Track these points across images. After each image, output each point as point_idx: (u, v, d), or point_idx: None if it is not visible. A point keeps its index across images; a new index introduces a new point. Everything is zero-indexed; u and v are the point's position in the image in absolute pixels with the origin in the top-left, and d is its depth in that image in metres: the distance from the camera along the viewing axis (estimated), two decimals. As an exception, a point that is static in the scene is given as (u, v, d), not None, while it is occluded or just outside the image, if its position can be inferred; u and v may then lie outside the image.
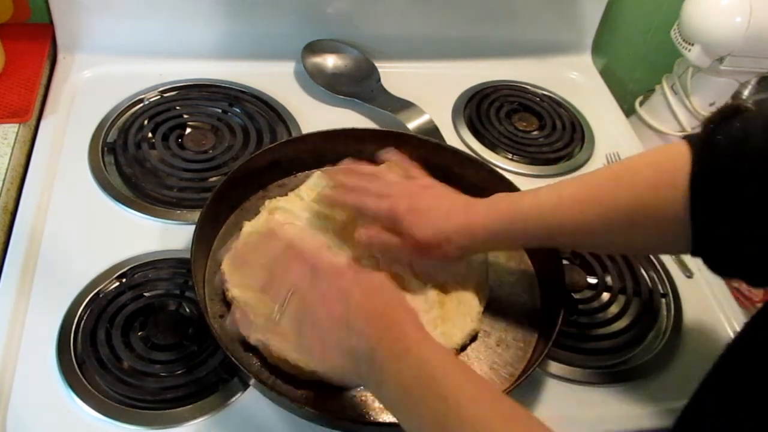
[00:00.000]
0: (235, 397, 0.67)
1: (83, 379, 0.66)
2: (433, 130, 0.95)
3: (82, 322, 0.69)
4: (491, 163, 0.91)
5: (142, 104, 0.94)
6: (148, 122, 0.91)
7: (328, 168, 0.77)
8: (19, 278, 0.73)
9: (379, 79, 1.03)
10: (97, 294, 0.72)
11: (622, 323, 0.78)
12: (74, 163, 0.85)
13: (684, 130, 1.09)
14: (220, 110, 0.95)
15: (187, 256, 0.70)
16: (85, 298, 0.71)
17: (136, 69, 0.98)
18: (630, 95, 1.21)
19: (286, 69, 1.04)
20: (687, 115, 1.09)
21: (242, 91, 0.98)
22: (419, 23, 1.07)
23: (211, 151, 0.89)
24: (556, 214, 0.61)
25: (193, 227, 0.70)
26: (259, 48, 1.03)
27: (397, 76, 1.04)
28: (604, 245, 0.70)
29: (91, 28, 0.97)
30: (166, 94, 0.96)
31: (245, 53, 1.03)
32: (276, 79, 1.01)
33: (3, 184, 0.78)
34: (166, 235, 0.79)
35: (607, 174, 0.62)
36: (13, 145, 0.82)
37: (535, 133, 1.03)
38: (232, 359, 0.62)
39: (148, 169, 0.85)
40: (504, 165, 0.95)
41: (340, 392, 0.66)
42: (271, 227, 0.70)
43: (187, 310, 0.72)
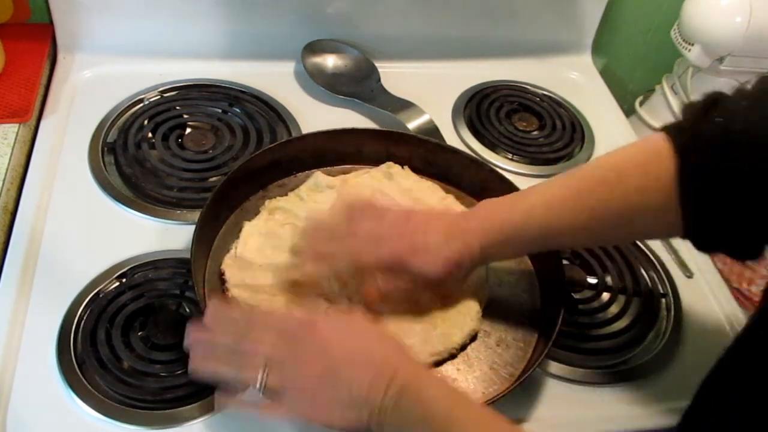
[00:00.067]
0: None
1: (83, 379, 0.66)
2: (433, 130, 0.95)
3: (82, 322, 0.69)
4: (491, 163, 0.91)
5: (142, 104, 0.94)
6: (148, 122, 0.91)
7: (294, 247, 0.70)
8: (19, 278, 0.73)
9: (379, 79, 1.03)
10: (97, 294, 0.72)
11: (622, 323, 0.78)
12: (74, 163, 0.85)
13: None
14: (220, 110, 0.95)
15: (187, 256, 0.70)
16: (85, 298, 0.71)
17: (136, 69, 0.98)
18: (630, 95, 1.21)
19: (286, 69, 1.04)
20: (687, 115, 1.09)
21: (242, 91, 0.98)
22: (419, 23, 1.07)
23: (211, 151, 0.89)
24: (550, 223, 0.63)
25: (193, 227, 0.70)
26: (259, 48, 1.03)
27: (397, 76, 1.04)
28: (598, 242, 0.77)
29: (91, 28, 0.97)
30: (166, 94, 0.96)
31: (245, 53, 1.03)
32: (276, 79, 1.01)
33: (3, 184, 0.78)
34: (166, 235, 0.79)
35: (595, 177, 0.62)
36: (13, 145, 0.82)
37: (535, 133, 1.03)
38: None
39: (148, 169, 0.85)
40: (504, 165, 0.95)
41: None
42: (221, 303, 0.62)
43: (187, 310, 0.72)
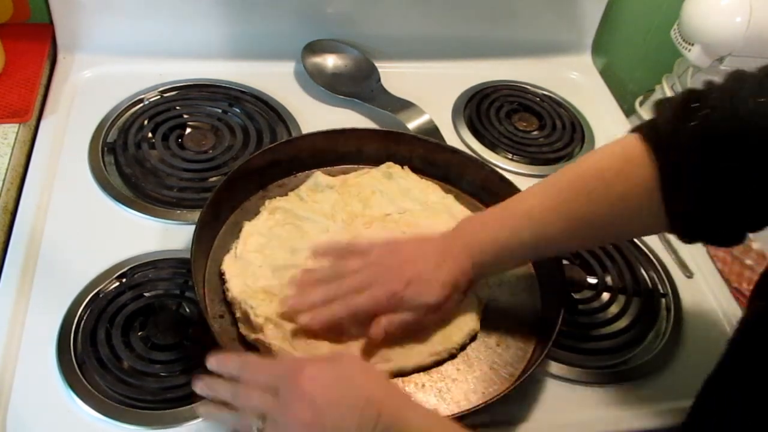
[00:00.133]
0: (235, 397, 0.67)
1: (83, 379, 0.66)
2: (433, 130, 0.95)
3: (82, 322, 0.69)
4: (491, 163, 0.91)
5: (142, 104, 0.94)
6: (148, 122, 0.91)
7: (284, 300, 0.68)
8: (19, 278, 0.73)
9: (379, 79, 1.03)
10: (97, 294, 0.72)
11: (622, 323, 0.78)
12: (74, 163, 0.85)
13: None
14: (220, 110, 0.95)
15: (187, 256, 0.70)
16: (85, 298, 0.71)
17: (136, 69, 0.98)
18: (630, 95, 1.21)
19: (286, 69, 1.04)
20: (687, 115, 1.09)
21: (242, 91, 0.98)
22: (419, 23, 1.07)
23: (211, 151, 0.89)
24: (538, 236, 0.65)
25: (193, 227, 0.70)
26: (259, 48, 1.03)
27: (397, 76, 1.04)
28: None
29: (91, 28, 0.97)
30: (166, 94, 0.96)
31: (245, 53, 1.03)
32: (276, 79, 1.01)
33: (3, 184, 0.78)
34: (166, 235, 0.79)
35: (578, 185, 0.63)
36: (13, 145, 0.82)
37: (535, 133, 1.03)
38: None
39: (148, 169, 0.85)
40: (504, 165, 0.95)
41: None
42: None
43: (187, 310, 0.72)
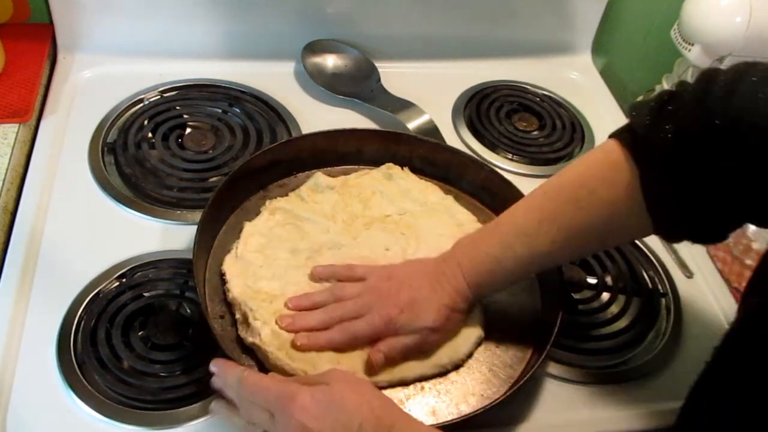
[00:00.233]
0: (235, 398, 0.67)
1: (83, 379, 0.66)
2: (433, 130, 0.95)
3: (82, 322, 0.69)
4: (491, 164, 0.91)
5: (142, 104, 0.94)
6: (148, 122, 0.91)
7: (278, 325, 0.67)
8: (19, 278, 0.73)
9: (379, 79, 1.03)
10: (97, 294, 0.72)
11: (622, 323, 0.78)
12: (74, 163, 0.85)
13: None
14: (220, 110, 0.95)
15: (187, 256, 0.70)
16: (85, 298, 0.71)
17: (136, 69, 0.98)
18: (630, 95, 1.21)
19: (286, 69, 1.04)
20: (687, 115, 1.09)
21: (242, 91, 0.98)
22: (419, 23, 1.07)
23: (211, 151, 0.89)
24: (531, 251, 0.65)
25: (193, 227, 0.70)
26: (259, 48, 1.03)
27: (397, 76, 1.04)
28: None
29: (91, 28, 0.97)
30: (166, 94, 0.96)
31: (245, 53, 1.03)
32: (276, 79, 1.01)
33: (3, 184, 0.78)
34: (166, 236, 0.79)
35: (564, 196, 0.64)
36: (13, 145, 0.82)
37: (535, 133, 1.03)
38: (233, 360, 0.62)
39: (148, 169, 0.85)
40: (504, 165, 0.95)
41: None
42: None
43: (188, 310, 0.72)
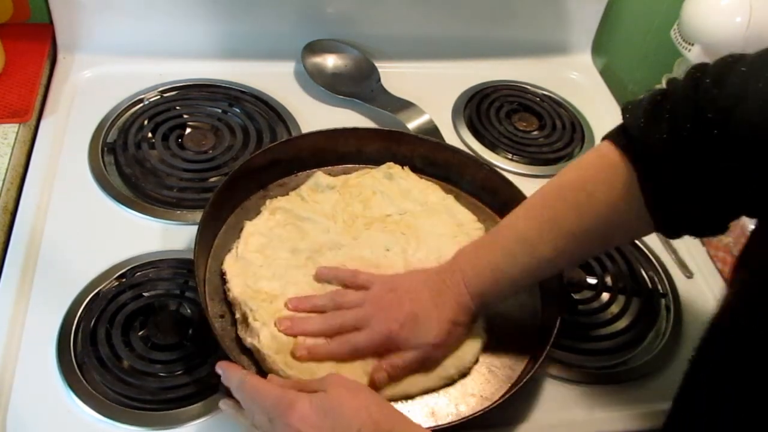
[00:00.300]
0: (236, 398, 0.67)
1: (83, 379, 0.66)
2: (433, 130, 0.95)
3: (82, 322, 0.69)
4: (491, 164, 0.91)
5: (142, 104, 0.94)
6: (148, 122, 0.91)
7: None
8: (19, 278, 0.73)
9: (379, 79, 1.03)
10: (97, 294, 0.72)
11: (621, 323, 0.78)
12: (74, 163, 0.85)
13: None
14: (220, 110, 0.95)
15: (187, 256, 0.70)
16: (85, 298, 0.71)
17: (136, 69, 0.98)
18: (630, 95, 1.21)
19: (286, 69, 1.04)
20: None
21: (242, 91, 0.98)
22: (419, 23, 1.07)
23: (211, 151, 0.89)
24: (536, 257, 0.64)
25: (193, 227, 0.70)
26: (259, 48, 1.03)
27: (397, 76, 1.04)
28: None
29: (91, 28, 0.97)
30: (166, 94, 0.96)
31: (245, 53, 1.03)
32: (276, 79, 1.01)
33: (3, 184, 0.78)
34: (166, 236, 0.79)
35: (565, 201, 0.63)
36: (13, 145, 0.82)
37: (535, 133, 1.03)
38: (233, 360, 0.62)
39: (148, 169, 0.85)
40: (504, 165, 0.95)
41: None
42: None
43: (188, 310, 0.72)
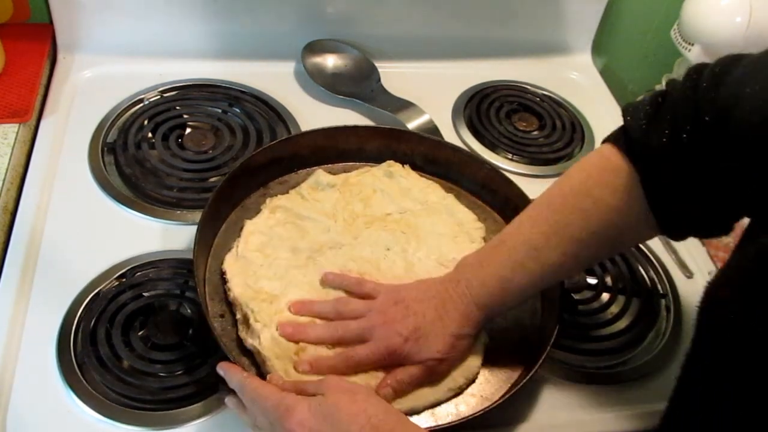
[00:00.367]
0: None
1: (83, 379, 0.66)
2: (433, 130, 0.95)
3: (82, 322, 0.69)
4: (491, 164, 0.91)
5: (142, 104, 0.94)
6: (148, 122, 0.91)
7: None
8: (19, 278, 0.73)
9: (379, 79, 1.03)
10: (97, 294, 0.72)
11: (621, 324, 0.78)
12: (74, 163, 0.85)
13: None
14: (220, 110, 0.95)
15: (187, 256, 0.70)
16: (85, 298, 0.71)
17: (136, 69, 0.98)
18: (630, 95, 1.21)
19: (286, 69, 1.04)
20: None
21: (242, 91, 0.98)
22: (419, 23, 1.07)
23: (211, 151, 0.89)
24: (543, 265, 0.64)
25: (193, 227, 0.70)
26: (259, 48, 1.03)
27: (397, 76, 1.04)
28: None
29: (91, 28, 0.97)
30: (166, 94, 0.96)
31: (245, 53, 1.03)
32: (276, 79, 1.01)
33: (3, 184, 0.78)
34: (166, 236, 0.79)
35: (569, 206, 0.63)
36: (13, 145, 0.82)
37: (535, 133, 1.03)
38: (233, 359, 0.62)
39: (148, 169, 0.85)
40: (504, 165, 0.95)
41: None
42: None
43: (188, 310, 0.72)
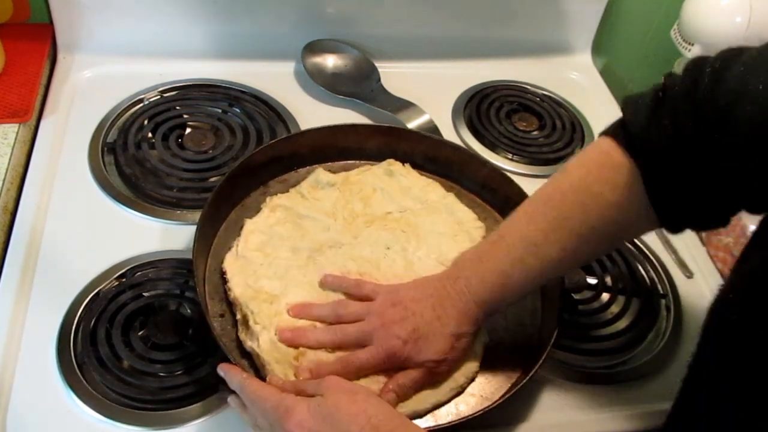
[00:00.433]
0: (235, 398, 0.67)
1: (83, 379, 0.66)
2: (433, 130, 0.95)
3: (82, 322, 0.70)
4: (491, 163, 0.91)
5: (142, 104, 0.94)
6: (148, 122, 0.91)
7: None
8: (19, 278, 0.73)
9: (379, 79, 1.03)
10: (97, 294, 0.72)
11: (621, 324, 0.78)
12: (74, 163, 0.85)
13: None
14: (220, 110, 0.95)
15: (187, 256, 0.70)
16: (85, 298, 0.71)
17: (136, 69, 0.98)
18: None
19: (286, 69, 1.04)
20: (687, 115, 1.09)
21: (242, 91, 0.98)
22: (419, 23, 1.07)
23: (211, 151, 0.89)
24: (542, 261, 0.63)
25: (192, 227, 0.70)
26: (259, 48, 1.03)
27: (397, 76, 1.04)
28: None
29: (91, 28, 0.97)
30: (166, 94, 0.96)
31: (245, 53, 1.03)
32: (276, 79, 1.01)
33: (3, 184, 0.78)
34: (166, 235, 0.79)
35: (569, 202, 0.63)
36: (13, 145, 0.82)
37: (535, 133, 1.03)
38: (233, 361, 0.62)
39: (148, 169, 0.85)
40: (504, 165, 0.95)
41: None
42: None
43: (188, 310, 0.72)
